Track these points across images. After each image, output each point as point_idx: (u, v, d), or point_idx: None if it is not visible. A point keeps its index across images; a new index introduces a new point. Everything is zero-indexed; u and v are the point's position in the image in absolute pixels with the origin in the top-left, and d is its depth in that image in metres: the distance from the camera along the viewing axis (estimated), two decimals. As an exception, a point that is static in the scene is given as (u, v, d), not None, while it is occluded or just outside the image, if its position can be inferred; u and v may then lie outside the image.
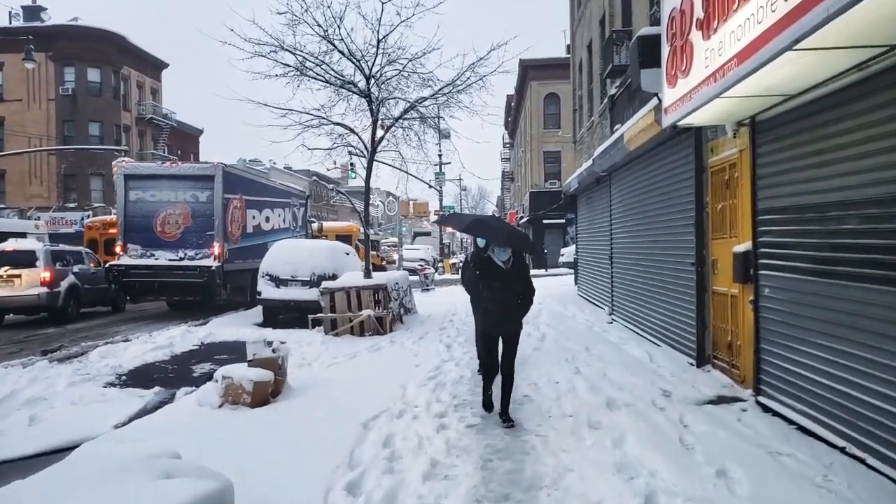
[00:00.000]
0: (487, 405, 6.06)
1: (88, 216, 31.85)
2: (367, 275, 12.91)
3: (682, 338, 8.19)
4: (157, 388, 7.96)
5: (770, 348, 5.79)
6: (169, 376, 8.96)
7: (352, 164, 31.72)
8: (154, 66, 44.74)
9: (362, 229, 32.69)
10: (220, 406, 6.64)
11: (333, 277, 13.90)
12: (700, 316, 7.58)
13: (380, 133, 12.86)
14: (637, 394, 6.31)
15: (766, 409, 5.72)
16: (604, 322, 12.07)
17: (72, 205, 36.88)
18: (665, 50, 6.17)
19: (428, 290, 21.87)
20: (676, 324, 8.42)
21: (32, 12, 39.59)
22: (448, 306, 16.52)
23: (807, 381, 5.14)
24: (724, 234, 7.07)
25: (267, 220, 19.32)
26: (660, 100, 7.24)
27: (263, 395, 6.68)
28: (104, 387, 8.12)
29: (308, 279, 14.36)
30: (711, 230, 7.42)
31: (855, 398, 4.47)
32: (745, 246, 6.24)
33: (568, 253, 32.22)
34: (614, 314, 12.58)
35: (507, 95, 54.17)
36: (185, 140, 48.42)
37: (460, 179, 65.69)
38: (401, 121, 12.87)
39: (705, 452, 4.61)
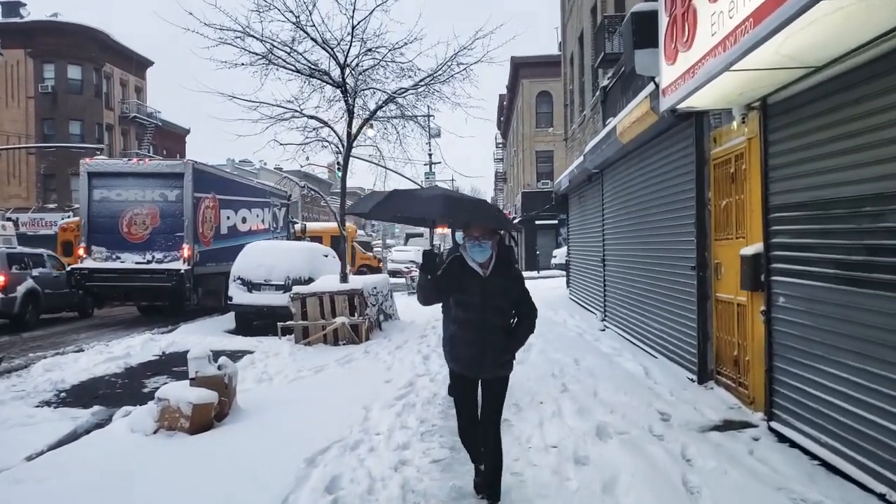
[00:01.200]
0: (478, 487, 4.07)
1: (69, 216, 30.85)
2: (343, 279, 12.07)
3: (682, 350, 7.38)
4: (96, 408, 7.08)
5: (785, 367, 4.98)
6: (116, 392, 8.09)
7: (339, 164, 30.89)
8: (138, 64, 43.74)
9: (350, 231, 32.15)
10: (155, 432, 5.78)
11: (310, 281, 13.09)
12: (701, 326, 6.76)
13: (358, 126, 12.01)
14: (631, 418, 5.48)
15: (782, 437, 4.91)
16: (595, 329, 11.26)
17: (52, 205, 35.88)
18: (663, 22, 5.36)
19: (414, 293, 21.00)
20: (675, 334, 7.61)
21: (11, 7, 38.55)
22: (433, 311, 15.64)
23: (831, 407, 4.33)
24: (729, 234, 6.27)
25: (244, 220, 18.44)
26: (656, 84, 6.45)
27: (205, 420, 5.83)
28: (36, 406, 7.24)
29: (282, 283, 13.52)
30: (714, 230, 6.62)
31: (894, 433, 3.67)
32: (754, 248, 5.44)
33: (560, 254, 31.42)
34: (607, 320, 11.78)
35: (500, 95, 53.40)
36: (170, 139, 47.44)
37: (452, 180, 64.91)
38: (379, 114, 12.02)
39: (715, 499, 3.79)
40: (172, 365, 9.66)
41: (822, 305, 4.46)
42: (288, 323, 11.15)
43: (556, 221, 36.04)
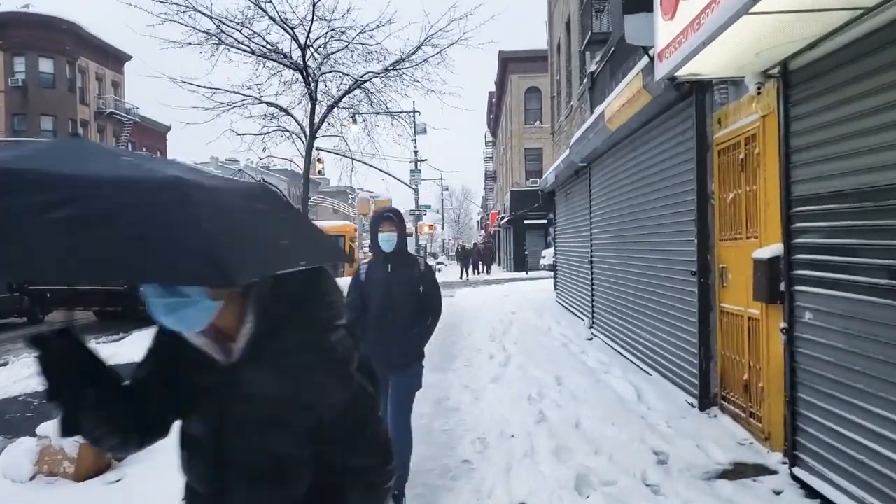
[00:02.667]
0: None
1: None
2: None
3: (680, 368, 6.34)
4: (-10, 439, 5.98)
5: (812, 399, 3.95)
6: (27, 417, 6.98)
7: (319, 159, 29.78)
8: (115, 58, 42.37)
9: (349, 231, 30.59)
10: (32, 478, 4.69)
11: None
12: (703, 342, 5.73)
13: (322, 113, 10.94)
14: (620, 460, 4.43)
15: (810, 491, 3.88)
16: (582, 338, 10.22)
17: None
18: (659, -32, 4.31)
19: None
20: (672, 349, 6.57)
21: (-20, -1, 37.14)
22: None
23: (876, 457, 3.30)
24: (737, 233, 5.24)
25: (211, 219, 17.26)
26: (650, 56, 5.41)
27: (95, 463, 4.74)
28: (-81, 436, 6.13)
29: (243, 287, 12.44)
30: (719, 228, 5.58)
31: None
32: (771, 250, 4.40)
33: (549, 255, 30.43)
34: (595, 327, 10.74)
35: (489, 92, 52.43)
36: (150, 136, 46.09)
37: (442, 179, 63.97)
38: (345, 100, 10.94)
39: None
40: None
41: (864, 325, 3.43)
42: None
43: (545, 221, 35.06)
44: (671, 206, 6.52)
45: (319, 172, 30.49)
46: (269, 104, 10.57)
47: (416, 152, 34.59)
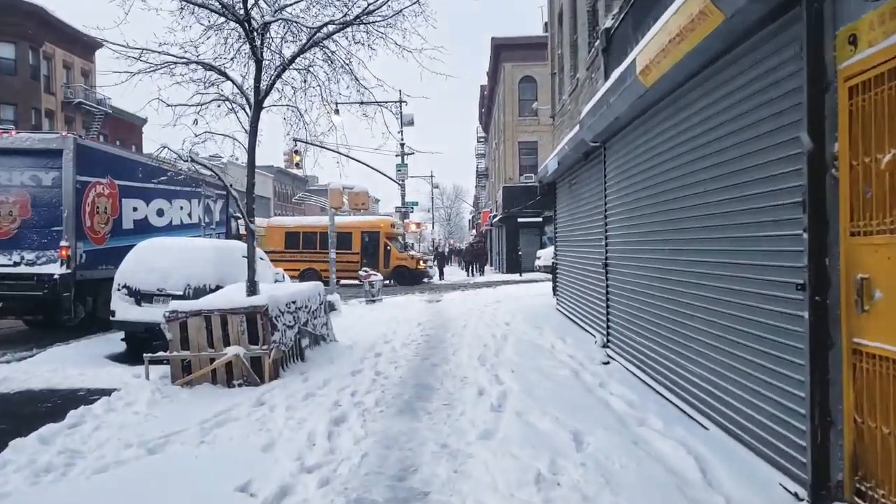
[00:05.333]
0: None
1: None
2: (251, 290, 8.78)
3: (766, 429, 4.18)
4: None
5: None
6: None
7: (296, 151, 27.52)
8: (85, 45, 39.82)
9: (384, 226, 27.61)
10: None
11: (218, 290, 9.89)
12: (819, 397, 3.57)
13: (270, 78, 8.72)
14: None
15: None
16: (596, 361, 8.07)
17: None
18: None
19: (374, 301, 17.74)
20: (750, 398, 4.41)
21: (-66, -21, 34.61)
22: (385, 327, 12.43)
23: None
24: (890, 223, 3.09)
25: (159, 212, 15.03)
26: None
27: None
28: None
29: (181, 293, 10.23)
30: (850, 215, 3.43)
31: None
32: None
33: (545, 255, 28.32)
34: (611, 347, 8.60)
35: (481, 85, 50.29)
36: (123, 129, 43.64)
37: (432, 176, 61.84)
38: (298, 60, 8.73)
39: None
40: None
41: None
42: (158, 354, 7.83)
43: (539, 219, 32.95)
44: (749, 184, 4.36)
45: (297, 166, 28.19)
46: (205, 65, 8.34)
47: (402, 145, 32.44)
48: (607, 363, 8.03)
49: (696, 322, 5.38)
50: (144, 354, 7.81)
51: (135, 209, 13.98)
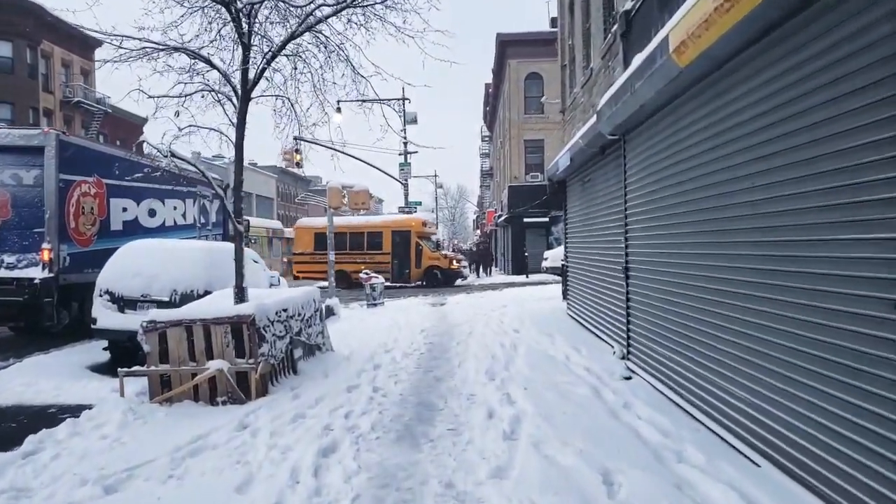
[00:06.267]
0: None
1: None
2: (239, 297, 8.08)
3: (846, 478, 3.42)
4: None
5: None
6: None
7: (297, 150, 26.79)
8: (84, 44, 39.19)
9: (415, 225, 26.24)
10: None
11: (207, 296, 9.26)
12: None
13: (259, 65, 8.02)
14: None
15: None
16: (616, 376, 7.32)
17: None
18: None
19: (375, 305, 17.02)
20: (820, 437, 3.65)
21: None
22: (386, 334, 11.70)
23: None
24: None
25: (151, 213, 14.34)
26: None
27: None
28: None
29: (167, 299, 9.56)
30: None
31: None
32: None
33: (553, 256, 27.51)
34: (632, 359, 7.85)
35: (485, 84, 49.53)
36: (123, 129, 42.95)
37: (435, 176, 61.14)
38: (290, 47, 8.01)
39: None
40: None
41: None
42: (134, 369, 7.12)
43: (546, 219, 32.20)
44: (823, 179, 3.60)
45: (298, 165, 27.46)
46: (191, 53, 7.64)
47: (405, 143, 31.74)
48: (629, 378, 7.29)
49: (743, 339, 4.63)
50: (119, 369, 7.09)
51: (124, 209, 13.30)
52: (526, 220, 32.94)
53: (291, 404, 6.61)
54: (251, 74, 7.85)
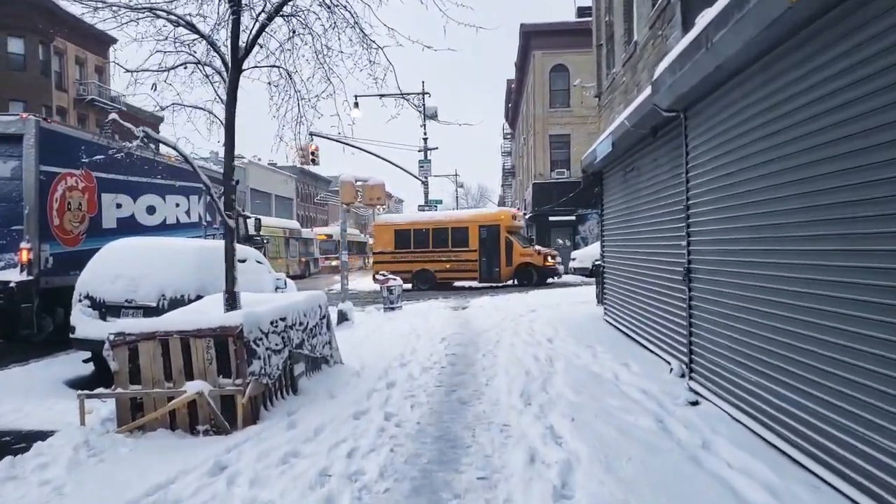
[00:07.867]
0: None
1: None
2: (230, 304, 6.91)
3: None
4: None
5: None
6: None
7: (312, 153, 25.71)
8: (98, 41, 38.56)
9: (503, 218, 23.89)
10: None
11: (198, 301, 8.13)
12: None
13: (252, 33, 6.83)
14: None
15: None
16: (679, 398, 6.00)
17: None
18: None
19: (393, 308, 15.80)
20: None
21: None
22: (403, 343, 10.46)
23: None
24: None
25: (150, 210, 13.27)
26: None
27: None
28: None
29: (154, 304, 8.43)
30: None
31: None
32: None
33: (581, 257, 26.13)
34: (695, 378, 6.52)
35: (507, 80, 48.17)
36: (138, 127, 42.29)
37: (456, 175, 59.87)
38: (286, 10, 6.81)
39: None
40: None
41: None
42: (98, 391, 5.95)
43: (573, 217, 30.80)
44: None
45: (313, 161, 26.35)
46: (156, 10, 6.46)
47: (425, 140, 30.56)
48: (695, 403, 5.96)
49: (871, 361, 3.30)
50: (78, 392, 5.92)
51: (119, 206, 12.23)
52: (551, 218, 31.56)
53: (285, 436, 5.40)
54: (243, 39, 6.66)
